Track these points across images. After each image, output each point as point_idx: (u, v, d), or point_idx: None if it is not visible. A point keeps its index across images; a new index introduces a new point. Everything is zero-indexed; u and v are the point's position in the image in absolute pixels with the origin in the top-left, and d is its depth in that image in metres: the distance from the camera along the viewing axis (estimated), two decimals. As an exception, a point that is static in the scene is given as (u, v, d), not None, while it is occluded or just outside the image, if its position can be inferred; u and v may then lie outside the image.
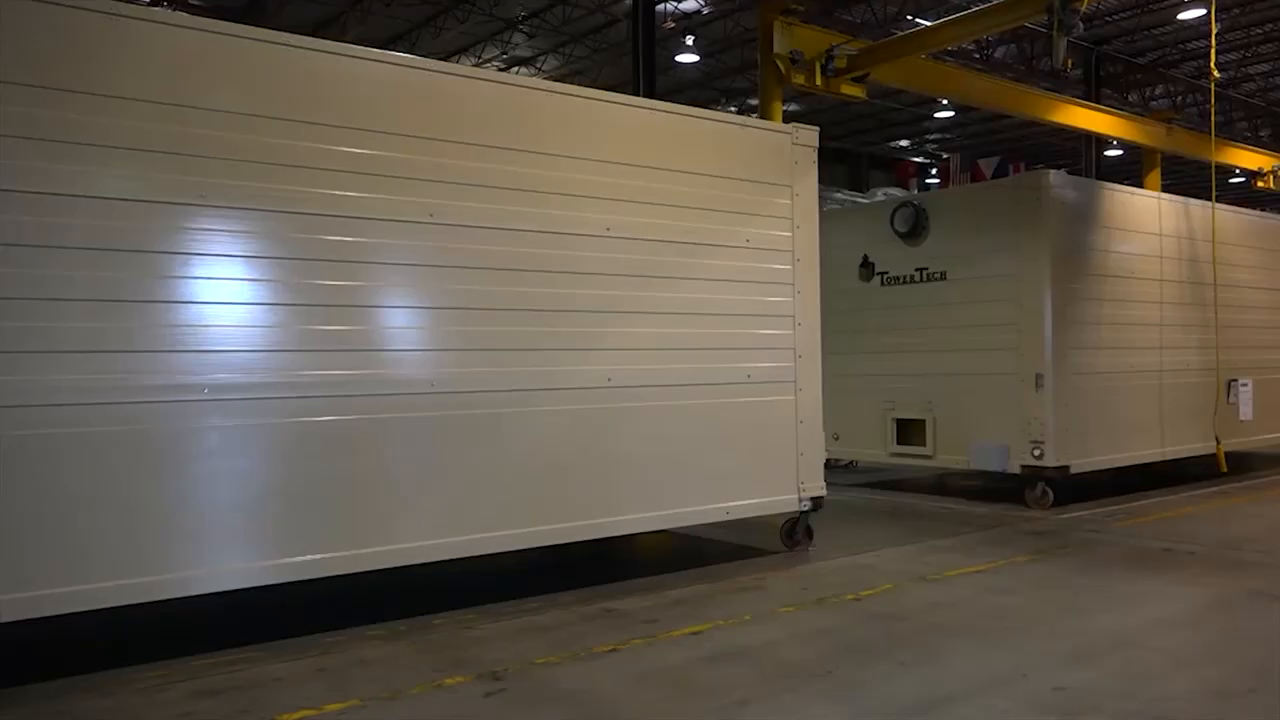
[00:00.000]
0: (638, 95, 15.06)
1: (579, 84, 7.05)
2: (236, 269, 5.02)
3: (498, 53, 23.70)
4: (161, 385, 4.77)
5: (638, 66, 16.82)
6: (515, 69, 24.34)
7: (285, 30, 5.32)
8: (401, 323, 5.58)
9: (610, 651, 5.01)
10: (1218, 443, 10.38)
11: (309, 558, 5.15)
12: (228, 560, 4.94)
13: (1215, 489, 10.49)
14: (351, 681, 4.60)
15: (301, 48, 5.28)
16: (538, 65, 24.67)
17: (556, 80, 19.32)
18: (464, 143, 5.77)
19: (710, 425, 6.76)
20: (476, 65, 22.84)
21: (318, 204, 5.25)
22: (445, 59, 16.73)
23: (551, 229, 6.09)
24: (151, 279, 4.78)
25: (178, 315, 4.84)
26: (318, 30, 20.07)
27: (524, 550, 5.97)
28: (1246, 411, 11.24)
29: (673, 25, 21.22)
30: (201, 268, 4.91)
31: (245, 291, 5.04)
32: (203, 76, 4.93)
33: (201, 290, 4.91)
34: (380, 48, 5.78)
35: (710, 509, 6.78)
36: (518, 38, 22.95)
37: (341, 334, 5.33)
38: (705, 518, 6.82)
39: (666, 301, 6.59)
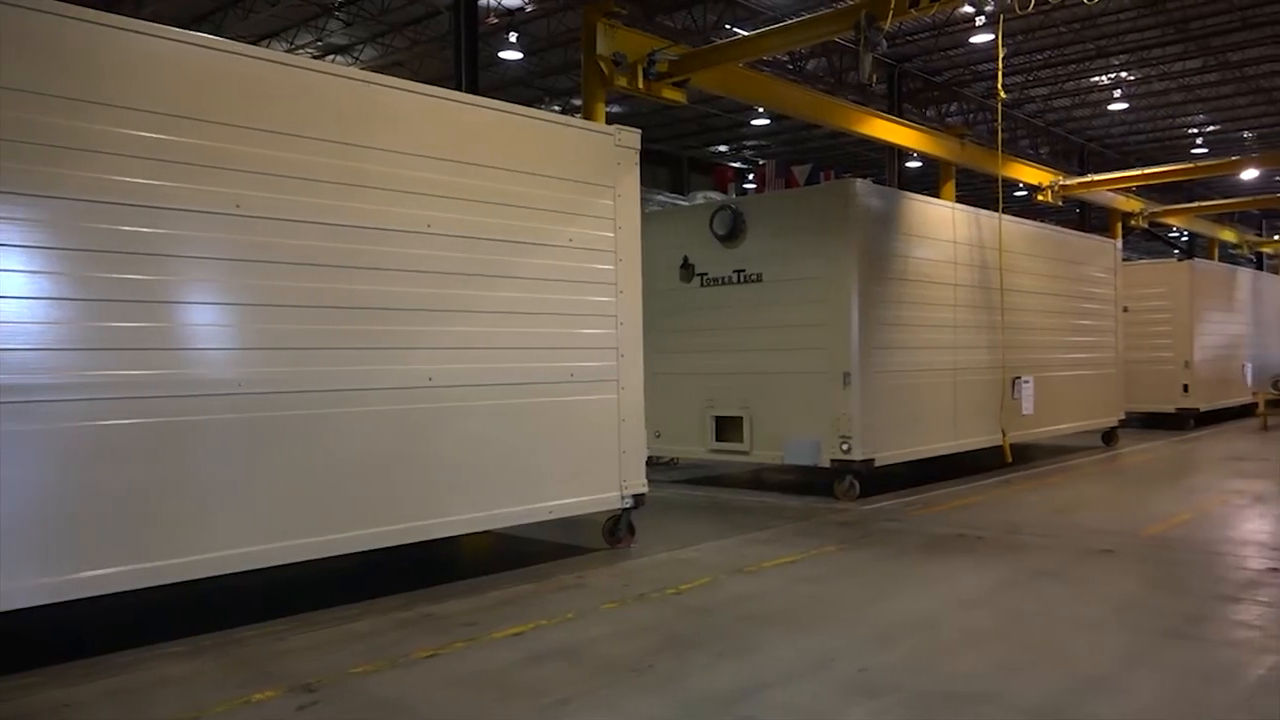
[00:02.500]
0: (460, 90, 14.82)
1: (398, 76, 6.86)
2: (15, 260, 4.60)
3: (311, 39, 22.76)
4: (-75, 387, 4.32)
5: (460, 61, 16.53)
6: (331, 57, 23.44)
7: (76, 3, 4.90)
8: (205, 320, 5.28)
9: (430, 657, 4.92)
10: (1004, 435, 11.26)
11: (100, 572, 4.78)
12: (5, 579, 4.52)
13: (1001, 478, 11.35)
14: (149, 702, 4.32)
15: (93, 22, 4.89)
16: (355, 55, 23.87)
17: (374, 71, 18.69)
18: (276, 132, 5.51)
19: (533, 424, 6.75)
20: (289, 52, 21.86)
21: (111, 191, 4.88)
22: (255, 43, 15.88)
23: (371, 224, 5.92)
24: (-87, 270, 4.32)
25: (-55, 310, 4.40)
26: (113, 6, 18.64)
27: (341, 556, 5.78)
28: (1028, 406, 12.23)
29: (495, 21, 21.00)
30: (-27, 258, 4.48)
31: (26, 285, 4.63)
32: (-25, 49, 4.50)
33: (-27, 283, 4.48)
34: (182, 28, 5.42)
35: (534, 508, 6.77)
36: (333, 25, 22.13)
37: (137, 331, 4.97)
38: (529, 517, 6.80)
39: (489, 300, 6.52)
